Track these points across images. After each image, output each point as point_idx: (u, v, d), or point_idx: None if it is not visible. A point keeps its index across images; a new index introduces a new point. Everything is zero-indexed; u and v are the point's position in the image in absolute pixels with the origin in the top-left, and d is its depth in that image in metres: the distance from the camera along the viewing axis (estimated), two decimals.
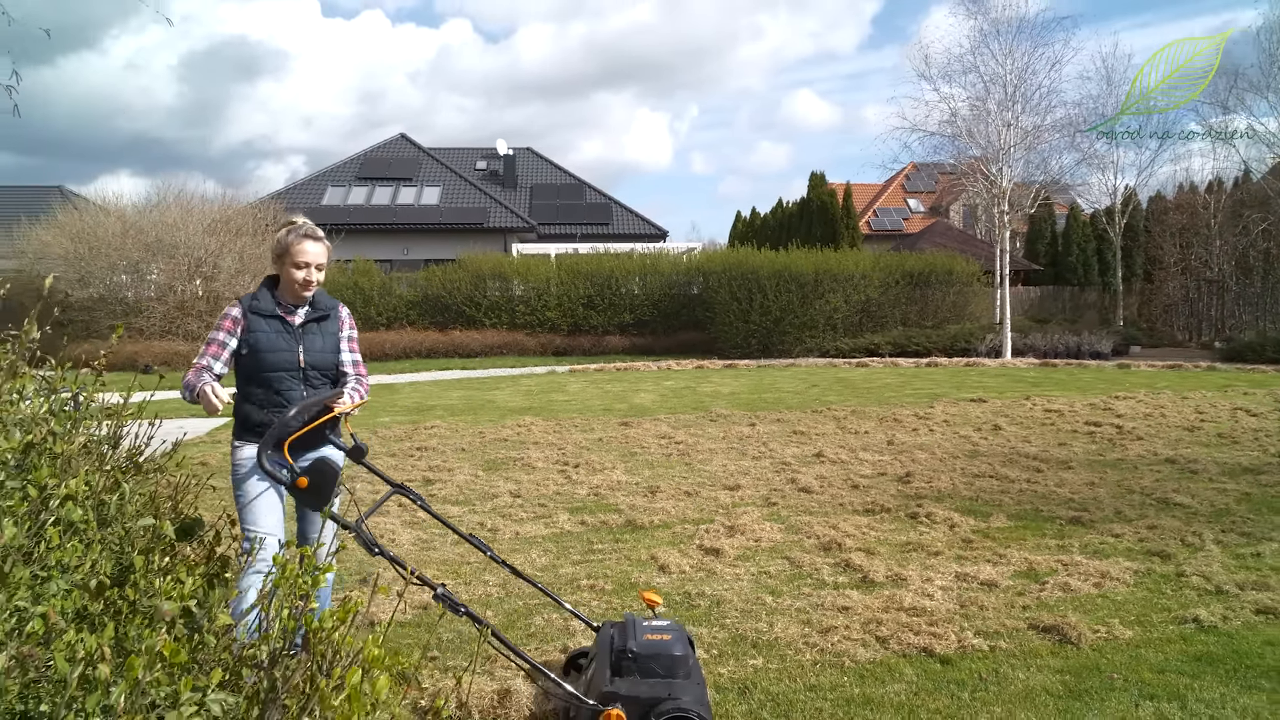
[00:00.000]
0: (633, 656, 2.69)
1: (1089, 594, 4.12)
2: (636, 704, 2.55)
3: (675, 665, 2.68)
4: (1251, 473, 6.79)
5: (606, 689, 2.60)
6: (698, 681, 2.72)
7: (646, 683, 2.63)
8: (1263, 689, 3.13)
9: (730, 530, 5.23)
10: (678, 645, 2.73)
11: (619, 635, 2.82)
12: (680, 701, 2.55)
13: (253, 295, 3.22)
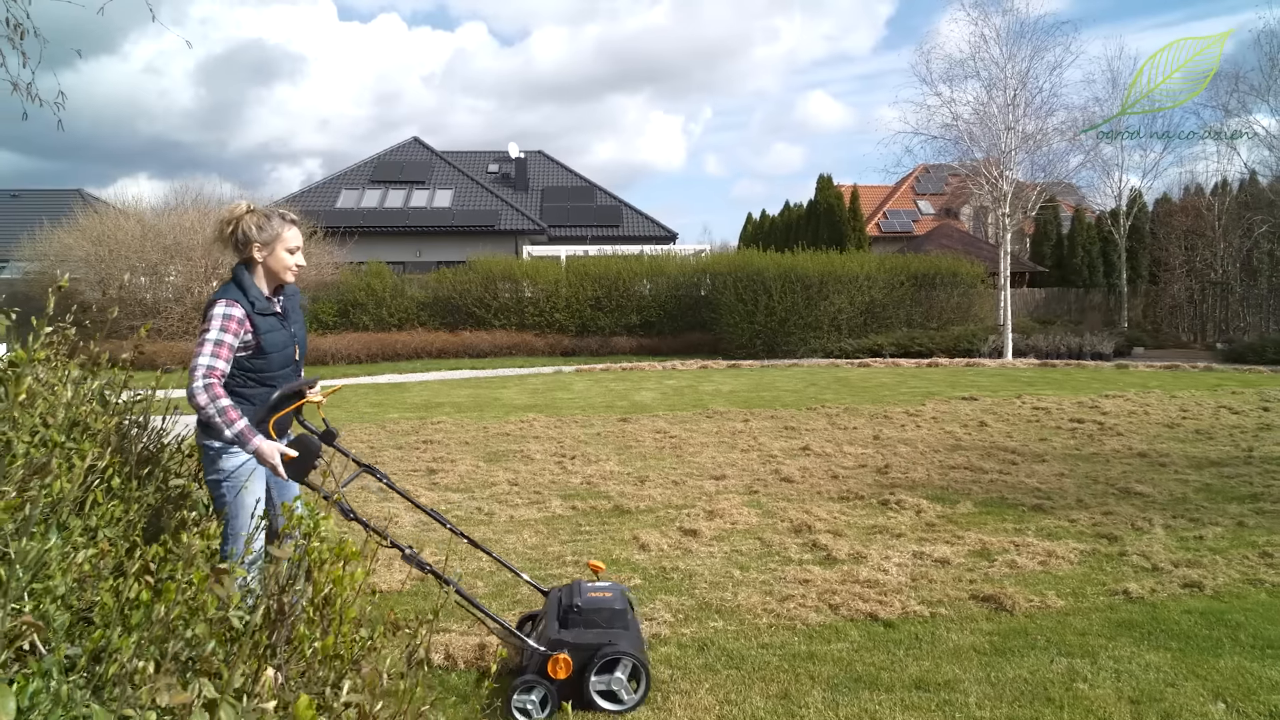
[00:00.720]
0: (578, 610, 3.10)
1: (1033, 570, 4.46)
2: (580, 649, 2.98)
3: (614, 618, 3.10)
4: (1217, 465, 7.08)
5: (554, 637, 3.03)
6: (634, 632, 3.14)
7: (590, 632, 3.06)
8: (1170, 649, 3.46)
9: (710, 514, 5.60)
10: (617, 602, 3.14)
11: (566, 595, 3.23)
12: (618, 646, 2.98)
13: (243, 295, 3.07)
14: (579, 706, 2.97)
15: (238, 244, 3.14)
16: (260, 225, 3.12)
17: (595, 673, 2.97)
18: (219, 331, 2.96)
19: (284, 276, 3.17)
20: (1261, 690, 3.08)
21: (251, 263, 3.14)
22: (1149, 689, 3.10)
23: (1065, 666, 3.30)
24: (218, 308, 3.01)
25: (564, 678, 2.95)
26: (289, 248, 3.15)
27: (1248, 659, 3.35)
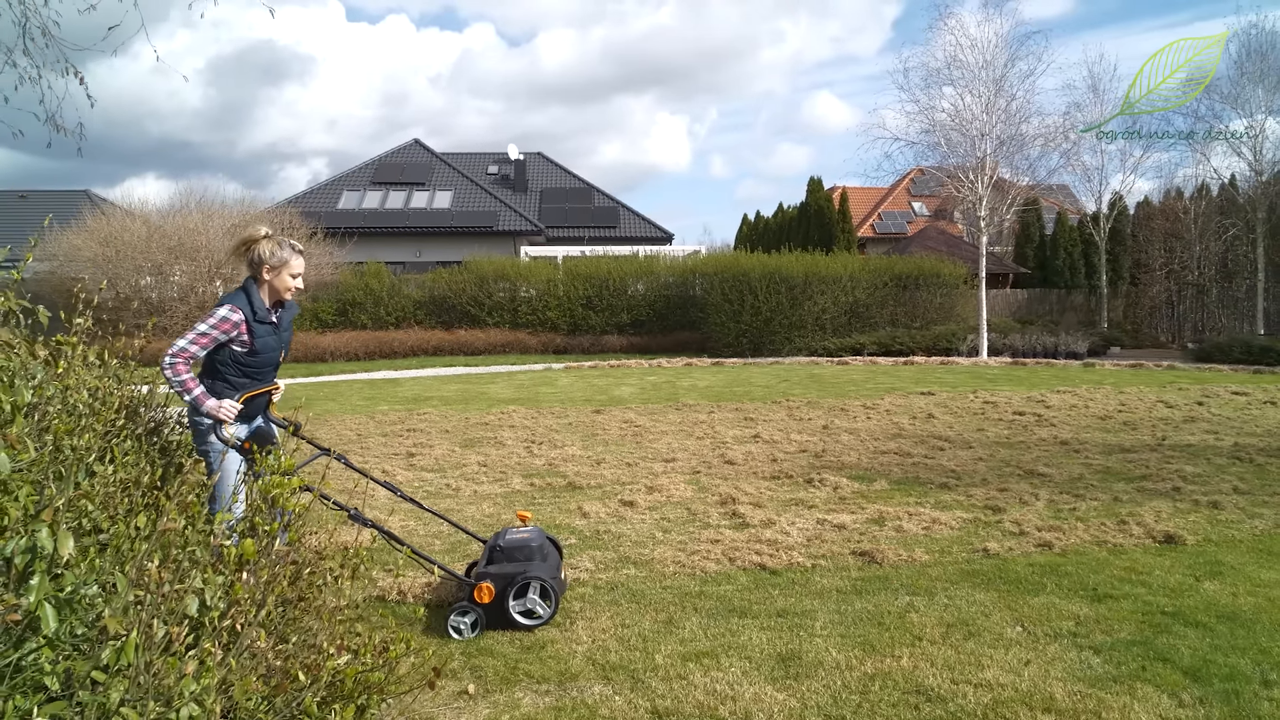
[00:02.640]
0: (501, 549, 3.87)
1: (916, 534, 5.15)
2: (500, 578, 3.70)
3: (532, 554, 3.83)
4: (1126, 451, 7.76)
5: (481, 570, 3.76)
6: (551, 564, 3.85)
7: (510, 565, 3.78)
8: (999, 590, 4.16)
9: (650, 490, 6.30)
10: (534, 540, 3.88)
11: (493, 539, 3.97)
12: (530, 574, 3.69)
13: (248, 303, 3.66)
14: (503, 627, 3.68)
15: (252, 262, 3.77)
16: (273, 251, 3.74)
17: (513, 596, 3.70)
18: (208, 325, 3.59)
19: (284, 295, 3.82)
20: (1058, 619, 3.77)
21: (260, 279, 3.77)
22: (965, 617, 3.80)
23: (905, 602, 3.99)
24: (221, 309, 3.65)
25: (488, 602, 3.67)
26: (293, 273, 3.78)
27: (1059, 597, 4.04)
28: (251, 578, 2.46)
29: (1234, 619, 3.74)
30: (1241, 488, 6.21)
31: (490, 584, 3.67)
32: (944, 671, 3.23)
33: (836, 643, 3.52)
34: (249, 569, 2.61)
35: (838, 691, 3.09)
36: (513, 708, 3.07)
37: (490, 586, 3.66)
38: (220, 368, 3.70)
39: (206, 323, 3.61)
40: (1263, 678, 3.16)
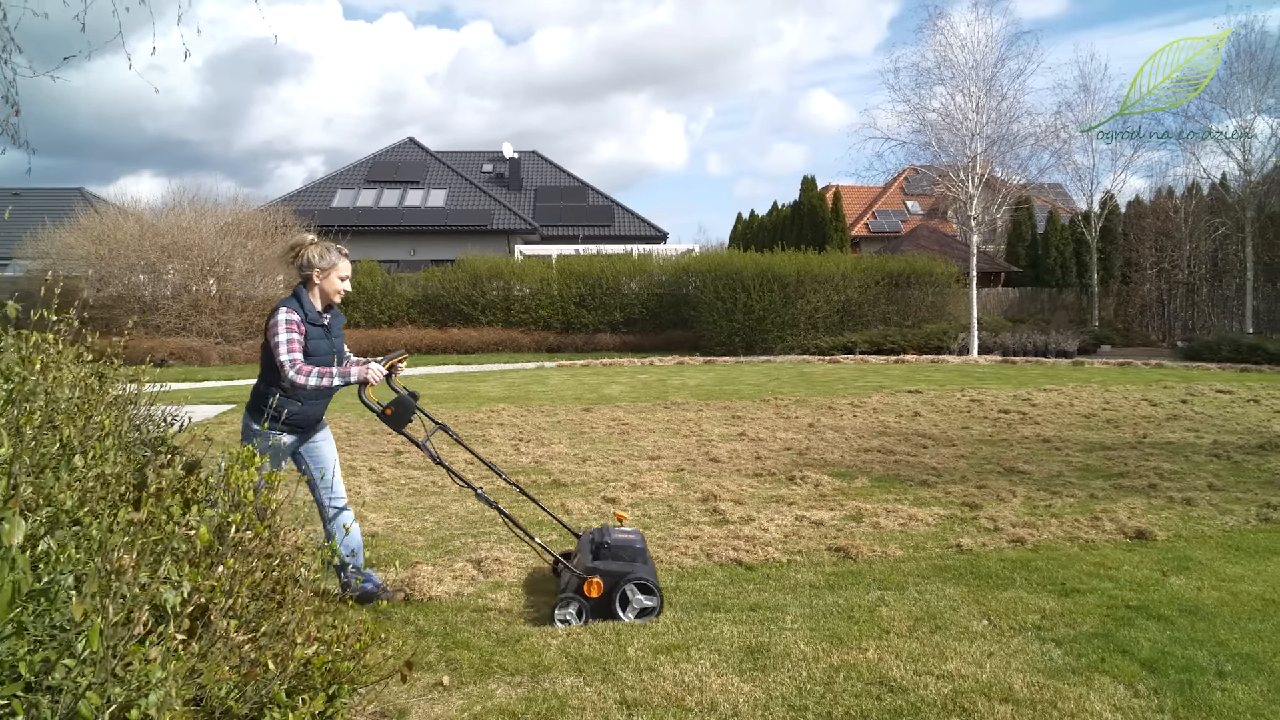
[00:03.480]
0: (607, 547, 3.96)
1: (892, 529, 5.23)
2: (609, 575, 3.82)
3: (636, 554, 3.96)
4: (1106, 449, 7.85)
5: (590, 565, 3.87)
6: (650, 566, 4.00)
7: (616, 563, 3.89)
8: (969, 584, 4.23)
9: (633, 486, 6.37)
10: (637, 542, 4.02)
11: (597, 535, 4.09)
12: (638, 574, 3.84)
13: (299, 306, 3.83)
14: (607, 618, 3.80)
15: (300, 267, 3.91)
16: (321, 255, 3.89)
17: (623, 595, 3.82)
18: (285, 333, 3.76)
19: (333, 298, 3.96)
20: (1025, 613, 3.85)
21: (309, 283, 3.90)
22: (934, 611, 3.87)
23: (876, 596, 4.07)
24: (280, 314, 3.79)
25: (596, 596, 3.79)
26: (340, 275, 3.94)
27: (1027, 592, 4.12)
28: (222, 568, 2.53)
29: (1196, 612, 3.82)
30: (1216, 485, 6.30)
31: (600, 579, 3.79)
32: (908, 663, 3.30)
33: (805, 636, 3.60)
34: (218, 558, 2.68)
35: (803, 682, 3.16)
36: (486, 698, 3.13)
37: (600, 582, 3.79)
38: (275, 376, 3.82)
39: (280, 331, 3.76)
40: (1218, 669, 3.23)
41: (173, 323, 20.25)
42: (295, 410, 3.85)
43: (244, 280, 21.23)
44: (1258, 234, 21.10)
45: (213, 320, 20.63)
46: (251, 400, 3.91)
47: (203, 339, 20.11)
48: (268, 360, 3.84)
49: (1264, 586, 4.15)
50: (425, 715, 3.03)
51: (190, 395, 13.22)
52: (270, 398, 3.79)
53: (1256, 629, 3.63)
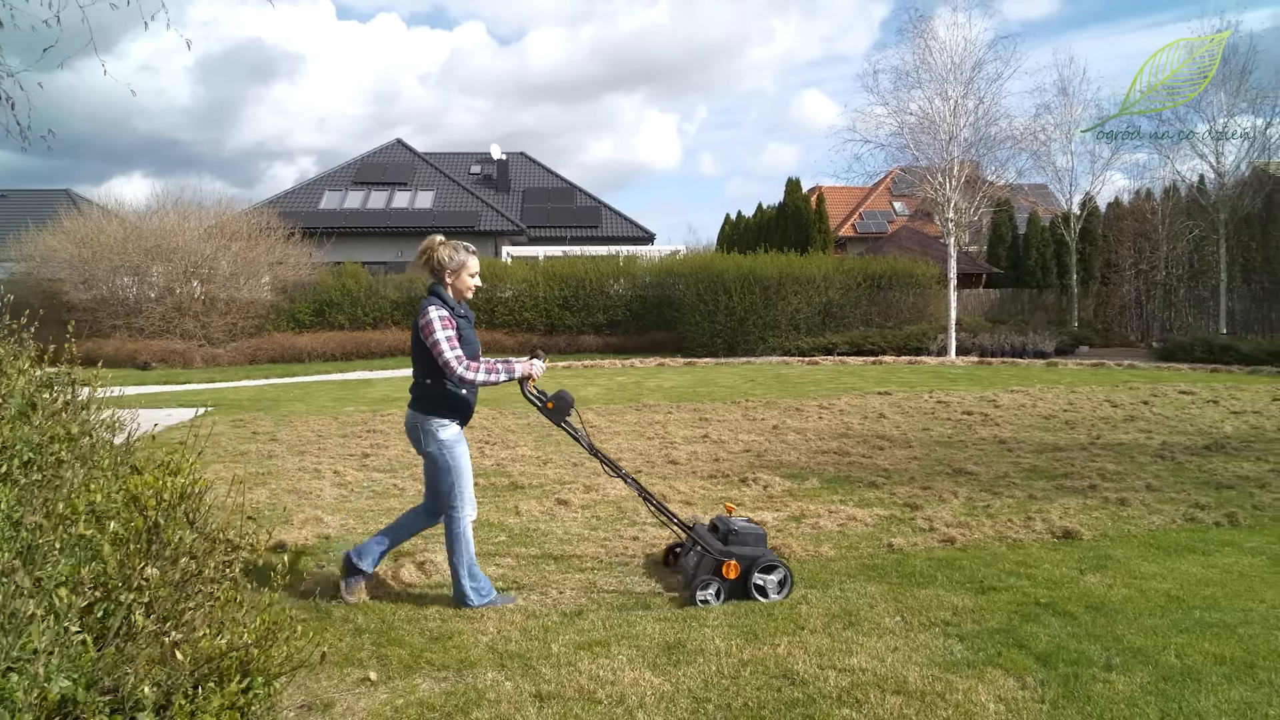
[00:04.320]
0: (735, 534, 4.24)
1: (829, 530, 5.40)
2: (743, 558, 4.13)
3: (760, 540, 4.27)
4: (1056, 450, 8.04)
5: (724, 549, 4.15)
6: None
7: (746, 548, 4.18)
8: (891, 582, 4.40)
9: (587, 489, 6.54)
10: (758, 530, 4.32)
11: (720, 524, 4.37)
12: (769, 557, 4.19)
13: (443, 302, 3.96)
14: (742, 598, 4.09)
15: (433, 269, 4.06)
16: (451, 255, 4.03)
17: (758, 573, 4.13)
18: (441, 330, 3.88)
19: (465, 294, 4.10)
20: (938, 610, 4.02)
21: (443, 282, 4.05)
22: (851, 608, 4.04)
23: (799, 594, 4.24)
24: (432, 312, 3.91)
25: (733, 578, 4.09)
26: (471, 272, 4.08)
27: (946, 590, 4.29)
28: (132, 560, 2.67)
29: (1101, 608, 4.00)
30: (1154, 485, 6.48)
31: (736, 562, 4.10)
32: (814, 657, 3.47)
33: (723, 632, 3.76)
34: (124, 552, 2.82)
35: (710, 676, 3.33)
36: (410, 692, 3.29)
37: (736, 564, 4.10)
38: (433, 368, 3.97)
39: (438, 329, 3.88)
40: (1106, 662, 3.41)
41: (156, 325, 20.36)
42: (469, 402, 4.11)
43: (228, 282, 21.33)
44: (1231, 236, 21.35)
45: (196, 323, 20.74)
46: (425, 399, 4.03)
47: (186, 341, 20.21)
48: (428, 358, 3.96)
49: (1173, 584, 4.33)
50: (350, 708, 3.19)
51: (169, 398, 13.37)
52: (449, 392, 4.00)
53: (1154, 624, 3.80)
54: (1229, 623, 3.81)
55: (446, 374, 3.92)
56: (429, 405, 4.02)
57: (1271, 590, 4.23)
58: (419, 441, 4.08)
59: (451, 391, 4.01)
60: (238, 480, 7.00)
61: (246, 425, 10.14)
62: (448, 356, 3.88)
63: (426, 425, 4.02)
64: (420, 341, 3.97)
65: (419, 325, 3.96)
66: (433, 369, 3.97)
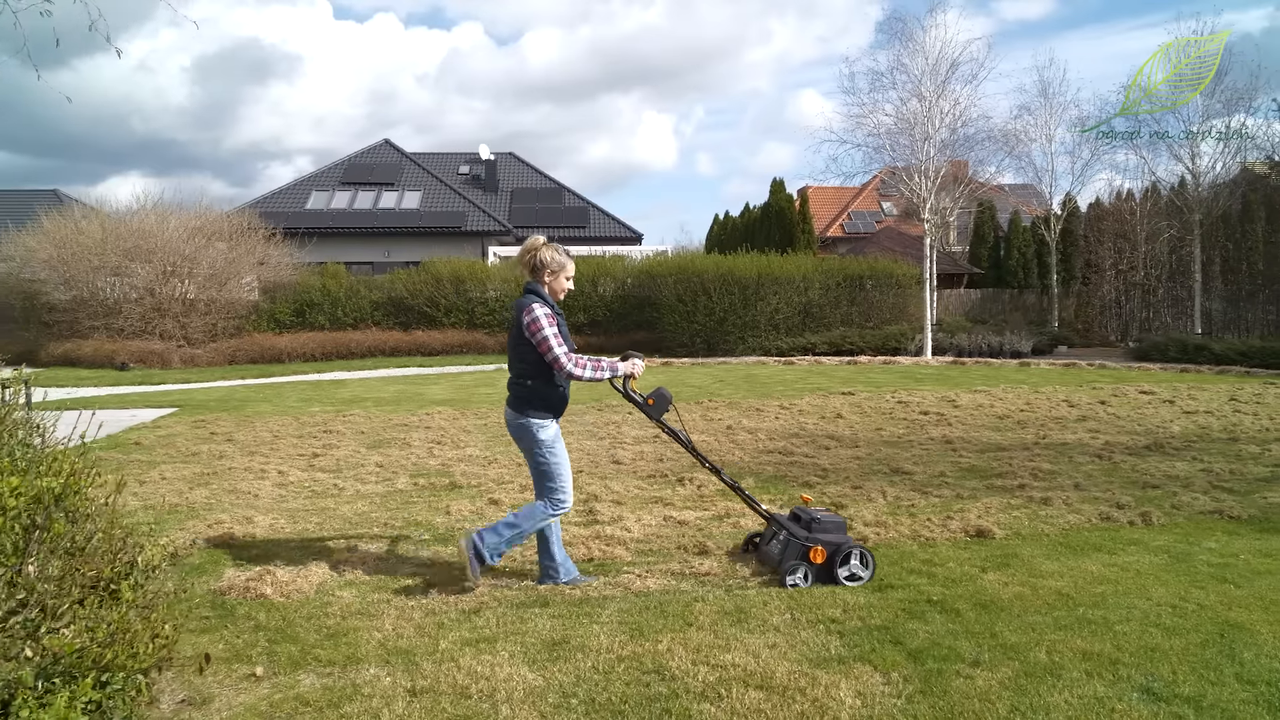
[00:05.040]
0: (819, 522, 4.46)
1: (749, 529, 5.47)
2: (829, 545, 4.35)
3: (841, 528, 4.50)
4: (999, 449, 8.12)
5: (809, 537, 4.38)
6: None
7: (830, 535, 4.41)
8: None
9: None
10: (839, 520, 4.55)
11: (803, 514, 4.58)
12: (853, 545, 4.40)
13: (543, 299, 4.15)
14: (828, 582, 4.33)
15: (534, 268, 4.24)
16: (553, 257, 4.21)
17: (841, 562, 4.34)
18: (549, 328, 4.06)
19: (559, 295, 4.29)
20: (829, 608, 4.08)
21: (542, 281, 4.23)
22: (744, 606, 4.11)
23: (697, 594, 4.31)
24: (538, 309, 4.08)
25: (820, 562, 4.31)
26: (568, 275, 4.28)
27: (843, 588, 4.36)
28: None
29: (989, 606, 4.07)
30: (1083, 484, 6.57)
31: (823, 548, 4.32)
32: (691, 654, 3.54)
33: (612, 629, 3.83)
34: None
35: (585, 672, 3.40)
36: (291, 688, 3.36)
37: (823, 550, 4.33)
38: (542, 368, 4.17)
39: (545, 326, 4.06)
40: (975, 658, 3.48)
41: (135, 326, 20.41)
42: (566, 398, 4.32)
43: (208, 283, 21.39)
44: (1207, 236, 21.46)
45: (176, 323, 20.79)
46: (527, 396, 4.21)
47: (165, 342, 20.26)
48: (532, 355, 4.12)
49: (1068, 582, 4.41)
50: (228, 703, 3.25)
51: (138, 399, 13.43)
52: (549, 390, 4.21)
53: (1035, 621, 3.88)
54: (1110, 620, 3.89)
55: (555, 369, 4.11)
56: (529, 404, 4.21)
57: (1163, 588, 4.31)
58: (521, 441, 4.30)
59: (550, 389, 4.20)
60: (120, 484, 7.09)
61: (207, 426, 10.20)
62: (557, 352, 4.06)
63: (527, 425, 4.22)
64: (521, 339, 4.14)
65: (524, 322, 4.10)
66: (536, 368, 4.14)
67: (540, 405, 4.20)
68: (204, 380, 16.96)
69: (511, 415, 4.27)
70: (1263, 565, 4.66)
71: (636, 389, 4.56)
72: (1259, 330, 21.17)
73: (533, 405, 4.19)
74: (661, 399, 4.54)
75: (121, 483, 3.57)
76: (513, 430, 4.32)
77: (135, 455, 8.33)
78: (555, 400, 4.23)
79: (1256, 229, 21.40)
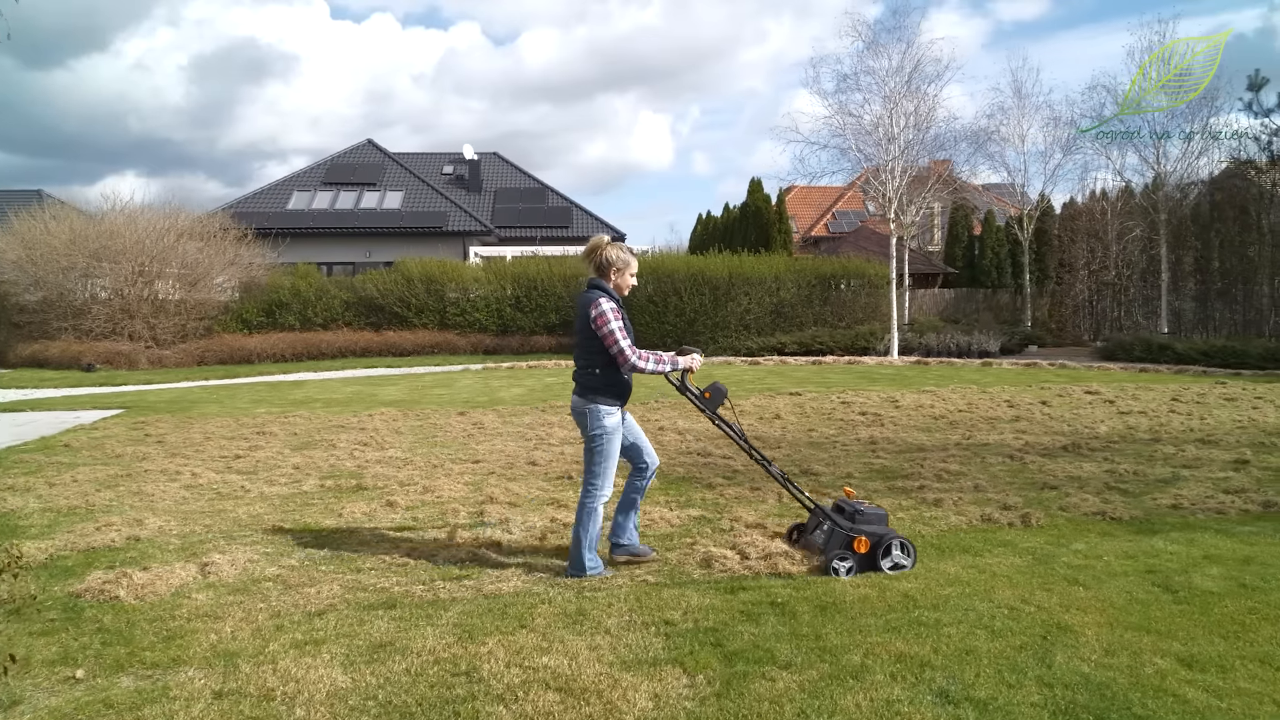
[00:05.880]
0: (862, 514, 4.61)
1: (663, 528, 5.49)
2: (872, 535, 4.52)
3: (883, 520, 4.67)
4: (916, 451, 8.15)
5: (853, 528, 4.54)
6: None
7: (872, 526, 4.58)
8: (648, 581, 4.50)
9: (425, 490, 6.62)
10: (881, 511, 4.70)
11: (847, 505, 4.71)
12: (895, 536, 4.58)
13: (610, 295, 4.40)
14: (872, 570, 4.49)
15: (600, 266, 4.48)
16: (618, 255, 4.46)
17: (884, 553, 4.51)
18: (615, 322, 4.31)
19: (624, 291, 4.53)
20: (672, 609, 4.10)
21: (607, 278, 4.46)
22: (588, 608, 4.12)
23: (547, 595, 4.33)
24: (604, 304, 4.32)
25: (864, 552, 4.48)
26: (632, 272, 4.53)
27: (697, 590, 4.37)
28: None
29: (829, 609, 4.09)
30: (982, 485, 6.59)
31: (867, 538, 4.48)
32: (510, 656, 3.56)
33: (444, 631, 3.85)
34: None
35: (395, 675, 3.42)
36: (105, 690, 3.37)
37: (867, 540, 4.48)
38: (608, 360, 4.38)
39: (612, 320, 4.31)
40: (788, 660, 3.50)
41: (103, 327, 20.42)
42: (629, 387, 4.52)
43: (177, 283, 21.40)
44: (1174, 236, 21.49)
45: (145, 324, 20.79)
46: (594, 385, 4.44)
47: (134, 343, 20.27)
48: (599, 346, 4.35)
49: (919, 584, 4.42)
50: (35, 705, 3.27)
51: (88, 400, 13.45)
52: (615, 379, 4.42)
53: (867, 624, 3.89)
54: (942, 622, 3.91)
55: (619, 362, 4.32)
56: (596, 392, 4.43)
57: (1010, 590, 4.33)
58: (585, 425, 4.48)
59: (617, 378, 4.42)
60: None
61: (145, 427, 10.23)
62: (621, 345, 4.29)
63: (594, 410, 4.42)
64: (588, 331, 4.37)
65: (591, 316, 4.32)
66: (604, 358, 4.37)
67: (607, 393, 4.43)
68: (167, 381, 16.99)
69: (579, 401, 4.50)
70: (1121, 567, 4.69)
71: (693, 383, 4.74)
72: (1227, 329, 21.20)
73: (600, 392, 4.42)
74: (717, 393, 4.67)
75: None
76: (577, 416, 4.55)
77: (59, 457, 8.36)
78: (621, 388, 4.47)
79: (1223, 228, 21.42)
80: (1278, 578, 4.49)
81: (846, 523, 4.59)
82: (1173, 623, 3.90)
